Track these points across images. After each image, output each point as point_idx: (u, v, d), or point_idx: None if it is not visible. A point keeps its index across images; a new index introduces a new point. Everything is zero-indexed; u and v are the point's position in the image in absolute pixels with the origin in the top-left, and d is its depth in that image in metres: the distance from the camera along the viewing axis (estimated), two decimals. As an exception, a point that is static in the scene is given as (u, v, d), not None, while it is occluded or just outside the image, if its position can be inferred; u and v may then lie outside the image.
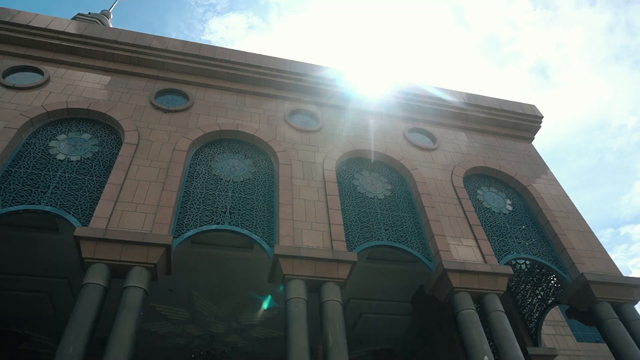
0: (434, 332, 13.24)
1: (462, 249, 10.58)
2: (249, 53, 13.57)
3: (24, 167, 9.65)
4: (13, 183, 9.26)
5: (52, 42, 12.17)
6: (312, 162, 11.61)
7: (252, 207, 10.23)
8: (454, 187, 12.31)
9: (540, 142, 59.71)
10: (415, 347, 15.75)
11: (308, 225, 9.88)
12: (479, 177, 13.45)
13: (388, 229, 10.79)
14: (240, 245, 12.43)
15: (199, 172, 10.69)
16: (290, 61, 13.95)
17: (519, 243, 11.78)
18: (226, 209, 9.97)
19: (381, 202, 11.49)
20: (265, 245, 9.51)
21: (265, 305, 8.20)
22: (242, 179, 10.85)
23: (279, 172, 10.93)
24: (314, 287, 9.07)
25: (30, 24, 12.08)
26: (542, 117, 15.54)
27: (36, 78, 11.55)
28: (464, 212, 11.60)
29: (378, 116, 13.99)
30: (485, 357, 8.50)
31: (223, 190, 10.41)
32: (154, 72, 12.66)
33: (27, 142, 10.21)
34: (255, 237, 9.64)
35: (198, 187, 10.29)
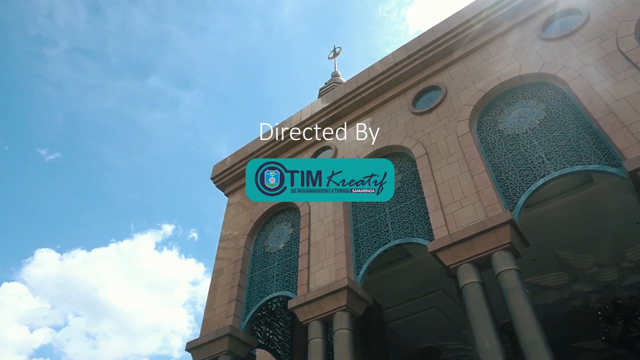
0: None
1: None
2: (463, 9, 12.78)
3: (360, 221, 11.47)
4: (364, 235, 11.11)
5: (320, 120, 14.54)
6: (608, 53, 9.50)
7: (564, 138, 9.10)
8: None
9: None
10: None
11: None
12: None
13: None
14: (576, 185, 11.17)
15: (492, 142, 10.33)
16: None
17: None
18: (542, 158, 9.18)
19: None
20: (610, 169, 8.17)
21: None
22: (538, 122, 9.86)
23: (576, 94, 9.36)
24: None
25: (302, 119, 14.86)
26: None
27: (329, 154, 13.88)
28: None
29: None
30: None
31: (528, 141, 9.65)
32: (399, 89, 13.35)
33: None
34: (590, 167, 8.45)
35: (502, 154, 9.90)
